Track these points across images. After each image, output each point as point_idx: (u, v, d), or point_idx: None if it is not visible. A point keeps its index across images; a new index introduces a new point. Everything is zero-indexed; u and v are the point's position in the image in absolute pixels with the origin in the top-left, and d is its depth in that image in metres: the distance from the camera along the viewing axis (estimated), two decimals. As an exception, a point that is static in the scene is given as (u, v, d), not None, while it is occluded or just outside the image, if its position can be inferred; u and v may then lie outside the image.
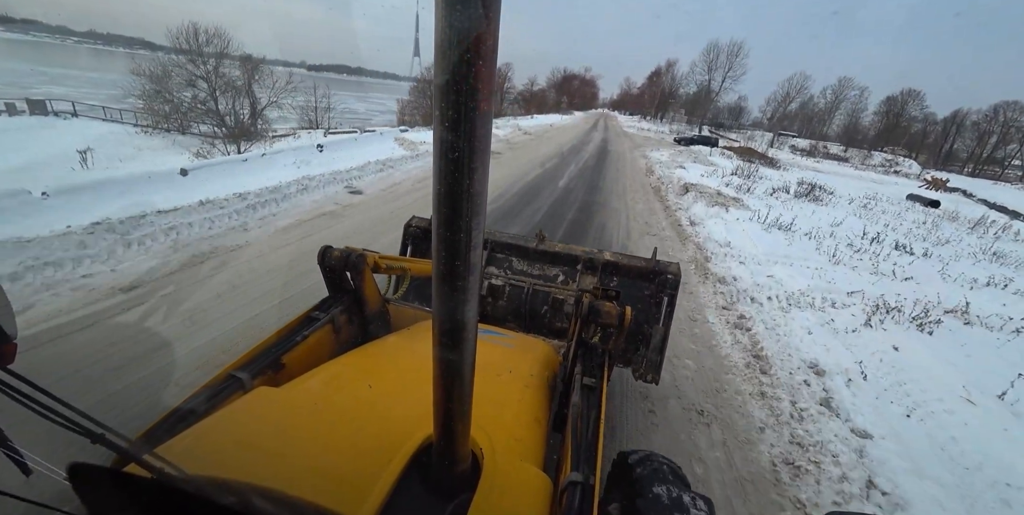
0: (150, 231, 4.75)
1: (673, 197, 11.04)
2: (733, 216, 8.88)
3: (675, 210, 9.69)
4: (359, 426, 1.06)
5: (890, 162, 44.11)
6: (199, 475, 0.76)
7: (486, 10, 0.43)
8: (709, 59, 54.36)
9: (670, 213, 9.45)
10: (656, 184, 12.79)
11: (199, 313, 3.52)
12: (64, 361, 2.79)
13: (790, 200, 12.34)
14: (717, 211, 9.06)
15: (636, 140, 30.80)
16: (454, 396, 0.73)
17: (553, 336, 2.71)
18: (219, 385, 1.37)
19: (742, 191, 12.39)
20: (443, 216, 0.54)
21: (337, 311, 1.93)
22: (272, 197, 6.53)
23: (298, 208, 6.53)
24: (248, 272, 4.33)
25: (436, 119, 0.48)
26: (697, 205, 9.60)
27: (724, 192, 11.47)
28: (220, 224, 5.43)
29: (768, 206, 10.41)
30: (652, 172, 15.22)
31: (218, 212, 5.63)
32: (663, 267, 2.85)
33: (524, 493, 0.97)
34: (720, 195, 10.91)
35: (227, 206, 5.85)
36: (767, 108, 59.43)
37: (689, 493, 1.26)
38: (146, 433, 1.14)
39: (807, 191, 13.84)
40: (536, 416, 1.44)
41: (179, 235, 4.94)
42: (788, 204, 11.57)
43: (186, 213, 5.37)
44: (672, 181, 13.05)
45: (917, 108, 54.50)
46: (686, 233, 7.95)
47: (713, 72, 54.73)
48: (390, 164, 10.20)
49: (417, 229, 3.26)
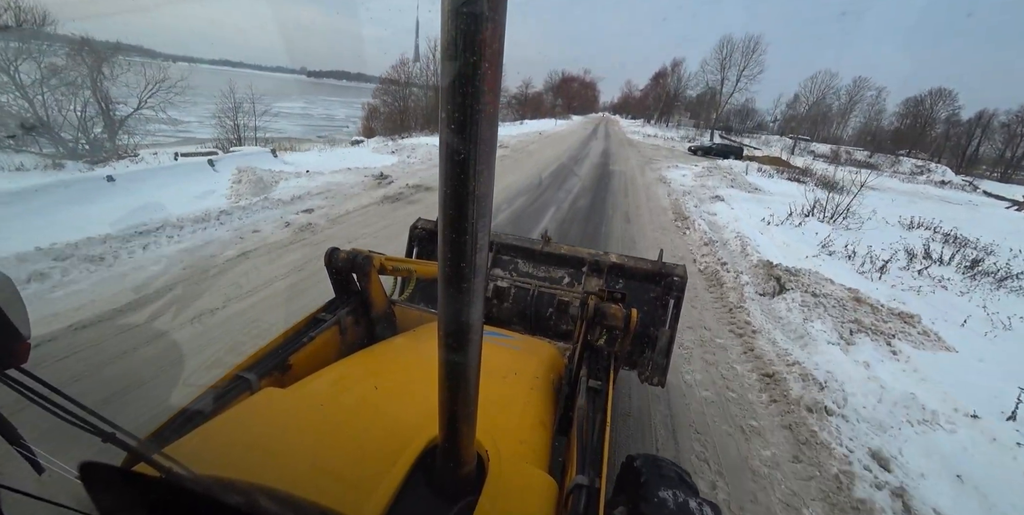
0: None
1: (763, 317, 4.60)
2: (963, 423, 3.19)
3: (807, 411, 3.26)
4: (365, 427, 1.07)
5: (921, 168, 40.54)
6: (207, 475, 0.76)
7: (492, 13, 0.43)
8: (722, 56, 48.67)
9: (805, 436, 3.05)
10: (705, 260, 6.46)
11: None
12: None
13: (961, 281, 6.76)
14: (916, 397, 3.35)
15: (644, 151, 24.83)
16: (459, 398, 0.73)
17: (558, 338, 2.70)
18: (226, 386, 1.38)
19: (867, 266, 6.77)
20: (449, 218, 0.54)
21: (343, 313, 1.94)
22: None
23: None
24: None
25: (442, 121, 0.49)
26: (852, 372, 3.71)
27: (868, 297, 5.22)
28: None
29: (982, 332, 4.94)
30: (683, 214, 9.03)
31: None
32: (669, 269, 2.83)
33: (529, 496, 0.96)
34: (861, 304, 5.03)
35: None
36: (775, 111, 57.20)
37: (696, 499, 1.25)
38: (155, 433, 1.15)
39: (967, 259, 7.76)
40: (542, 419, 1.44)
41: None
42: (971, 294, 6.21)
43: None
44: (727, 243, 7.31)
45: (948, 109, 49.82)
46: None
47: (726, 71, 48.90)
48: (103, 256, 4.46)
49: (423, 231, 3.27)
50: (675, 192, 11.90)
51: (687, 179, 14.51)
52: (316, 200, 7.47)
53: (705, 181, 14.00)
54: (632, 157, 20.86)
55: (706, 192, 12.10)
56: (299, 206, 7.00)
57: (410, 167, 11.57)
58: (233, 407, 1.17)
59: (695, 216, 8.85)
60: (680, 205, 10.10)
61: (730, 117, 56.06)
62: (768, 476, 2.68)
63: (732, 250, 7.02)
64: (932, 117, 50.41)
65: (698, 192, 12.10)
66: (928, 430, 3.10)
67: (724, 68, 49.03)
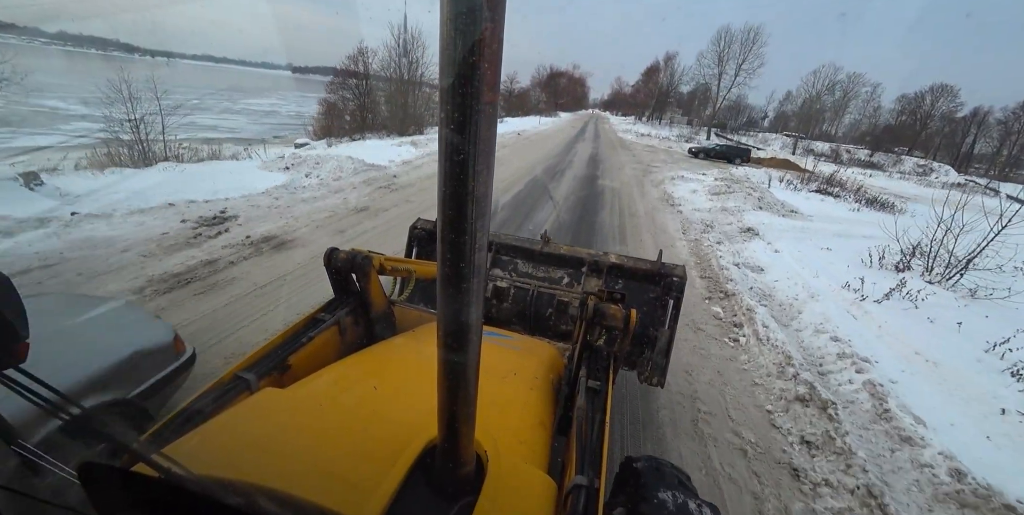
0: None
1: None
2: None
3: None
4: (364, 428, 1.07)
5: (923, 168, 38.94)
6: (206, 475, 0.76)
7: (491, 12, 0.43)
8: (720, 48, 46.05)
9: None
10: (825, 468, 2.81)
11: None
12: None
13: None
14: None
15: (639, 155, 21.40)
16: (459, 398, 0.73)
17: (558, 339, 2.70)
18: (225, 386, 1.38)
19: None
20: (448, 218, 0.54)
21: (343, 313, 1.94)
22: None
23: None
24: None
25: (441, 121, 0.49)
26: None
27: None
28: None
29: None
30: (716, 278, 5.85)
31: None
32: (669, 269, 2.83)
33: (529, 496, 0.96)
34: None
35: None
36: (768, 107, 55.96)
37: (695, 500, 1.25)
38: (153, 433, 1.15)
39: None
40: (541, 419, 1.44)
41: None
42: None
43: None
44: (843, 392, 3.58)
45: (948, 105, 47.98)
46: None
47: (724, 64, 46.05)
48: None
49: (423, 231, 3.27)
50: (691, 224, 8.54)
51: (700, 198, 11.02)
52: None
53: (724, 201, 10.57)
54: (627, 164, 17.05)
55: (732, 221, 8.75)
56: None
57: (291, 197, 7.41)
58: (232, 407, 1.17)
59: (738, 284, 5.51)
60: (706, 255, 6.69)
61: (725, 114, 54.20)
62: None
63: (860, 416, 3.33)
64: (931, 114, 48.91)
65: (721, 222, 8.75)
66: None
67: (722, 61, 46.29)
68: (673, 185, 13.00)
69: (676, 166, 18.06)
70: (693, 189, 12.35)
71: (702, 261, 6.55)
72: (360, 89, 19.77)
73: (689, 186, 12.83)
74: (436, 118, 0.51)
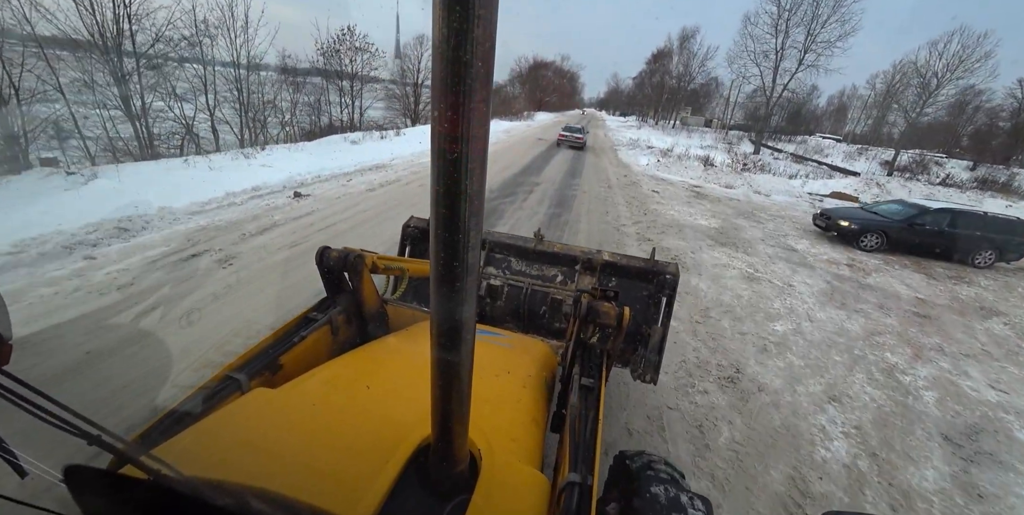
0: None
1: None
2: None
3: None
4: (357, 427, 1.06)
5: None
6: (196, 477, 0.75)
7: (483, 11, 0.43)
8: (781, 6, 26.91)
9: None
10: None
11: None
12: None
13: None
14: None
15: (705, 266, 6.27)
16: (452, 397, 0.73)
17: (551, 336, 2.71)
18: (216, 386, 1.37)
19: None
20: (441, 217, 0.54)
21: (335, 312, 1.93)
22: None
23: None
24: None
25: (434, 120, 0.48)
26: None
27: None
28: None
29: None
30: None
31: None
32: (662, 267, 2.85)
33: (522, 494, 0.97)
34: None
35: None
36: (845, 96, 38.73)
37: (687, 493, 1.26)
38: (142, 435, 1.14)
39: None
40: (534, 417, 1.44)
41: None
42: None
43: None
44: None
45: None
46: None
47: (783, 37, 27.05)
48: None
49: (415, 229, 3.26)
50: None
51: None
52: None
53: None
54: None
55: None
56: None
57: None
58: (223, 408, 1.16)
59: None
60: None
61: (774, 112, 32.67)
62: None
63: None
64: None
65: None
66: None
67: (783, 32, 27.15)
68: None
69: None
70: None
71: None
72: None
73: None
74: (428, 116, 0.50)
